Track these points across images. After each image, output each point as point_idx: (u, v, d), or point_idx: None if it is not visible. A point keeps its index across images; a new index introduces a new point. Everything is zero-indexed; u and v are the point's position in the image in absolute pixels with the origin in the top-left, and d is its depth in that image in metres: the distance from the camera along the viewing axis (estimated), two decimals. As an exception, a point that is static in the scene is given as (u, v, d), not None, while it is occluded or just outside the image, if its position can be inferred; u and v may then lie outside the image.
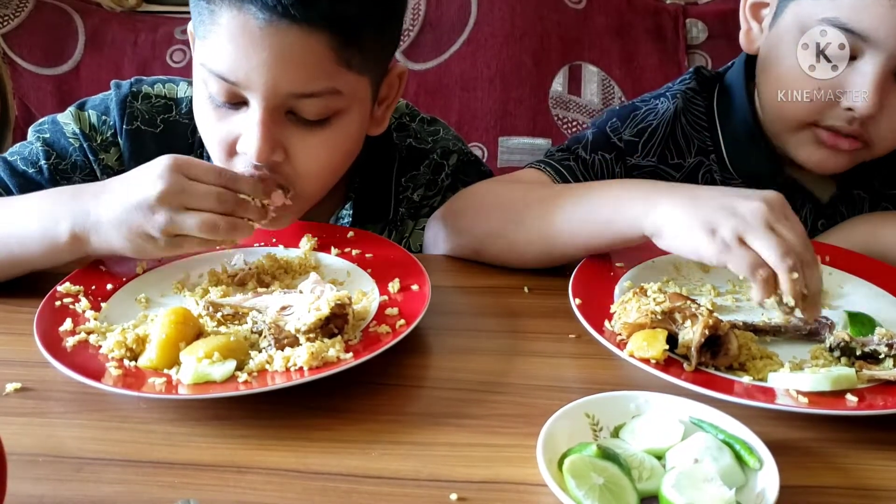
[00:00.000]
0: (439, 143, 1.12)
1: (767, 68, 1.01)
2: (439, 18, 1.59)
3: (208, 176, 0.81)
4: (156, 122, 1.05)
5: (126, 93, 1.05)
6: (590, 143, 1.07)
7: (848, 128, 0.94)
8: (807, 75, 0.94)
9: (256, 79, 0.83)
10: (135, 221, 0.80)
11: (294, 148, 0.88)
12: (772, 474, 0.59)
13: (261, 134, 0.84)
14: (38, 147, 1.02)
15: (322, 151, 0.90)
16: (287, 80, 0.83)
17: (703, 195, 0.80)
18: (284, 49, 0.82)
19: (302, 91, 0.84)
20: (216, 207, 0.80)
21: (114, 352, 0.74)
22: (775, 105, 0.99)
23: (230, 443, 0.67)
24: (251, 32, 0.81)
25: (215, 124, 0.89)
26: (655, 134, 1.07)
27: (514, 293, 0.91)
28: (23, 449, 0.65)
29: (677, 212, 0.79)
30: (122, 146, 1.04)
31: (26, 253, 0.85)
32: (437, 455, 0.66)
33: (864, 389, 0.70)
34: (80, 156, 1.03)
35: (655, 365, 0.71)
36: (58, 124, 1.04)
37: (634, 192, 0.86)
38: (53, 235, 0.83)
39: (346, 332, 0.76)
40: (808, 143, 0.98)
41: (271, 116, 0.85)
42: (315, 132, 0.88)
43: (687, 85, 1.10)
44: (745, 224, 0.75)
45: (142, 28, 1.62)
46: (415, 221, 1.10)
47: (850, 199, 1.07)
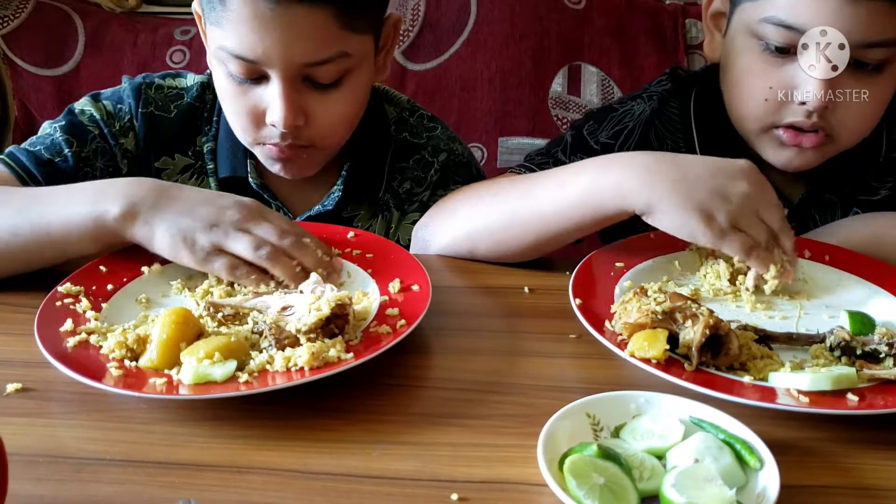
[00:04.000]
0: (431, 141, 1.14)
1: (725, 74, 1.03)
2: (439, 19, 1.59)
3: (279, 223, 0.88)
4: (169, 108, 1.09)
5: (139, 82, 1.09)
6: (569, 146, 1.09)
7: (808, 122, 0.95)
8: (757, 77, 0.96)
9: (273, 56, 0.90)
10: (197, 217, 0.85)
11: (314, 111, 0.96)
12: (772, 474, 0.59)
13: (284, 105, 0.92)
14: (60, 137, 1.03)
15: (339, 109, 0.98)
16: (300, 53, 0.91)
17: (691, 174, 0.83)
18: (294, 26, 0.89)
19: (315, 60, 0.92)
20: (274, 243, 0.85)
21: (114, 352, 0.73)
22: (735, 110, 1.02)
23: (230, 443, 0.67)
24: (262, 15, 0.88)
25: (239, 99, 0.96)
26: (631, 136, 1.09)
27: (514, 293, 0.91)
28: (23, 449, 0.65)
29: (672, 195, 0.83)
30: (139, 129, 1.07)
31: (64, 231, 0.86)
32: (438, 455, 0.66)
33: (864, 389, 0.70)
34: (100, 142, 1.05)
35: (656, 365, 0.71)
36: (74, 114, 1.06)
37: (620, 168, 0.87)
38: (103, 211, 0.85)
39: (346, 333, 0.76)
40: (772, 144, 0.99)
41: (291, 87, 0.92)
42: (331, 93, 0.96)
43: (663, 87, 1.12)
44: (739, 212, 0.82)
45: (142, 29, 1.62)
46: (401, 213, 1.12)
47: (821, 202, 1.08)
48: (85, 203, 0.87)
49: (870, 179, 1.08)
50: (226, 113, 1.01)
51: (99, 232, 0.86)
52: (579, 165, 0.92)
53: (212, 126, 1.10)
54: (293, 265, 0.85)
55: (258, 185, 1.08)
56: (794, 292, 0.89)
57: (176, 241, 0.84)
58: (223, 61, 0.94)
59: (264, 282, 0.85)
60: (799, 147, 0.97)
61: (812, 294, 0.89)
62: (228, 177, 1.08)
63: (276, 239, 0.85)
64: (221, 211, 0.86)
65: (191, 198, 0.87)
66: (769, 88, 0.95)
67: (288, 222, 0.89)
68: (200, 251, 0.84)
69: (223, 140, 1.08)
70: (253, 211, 0.87)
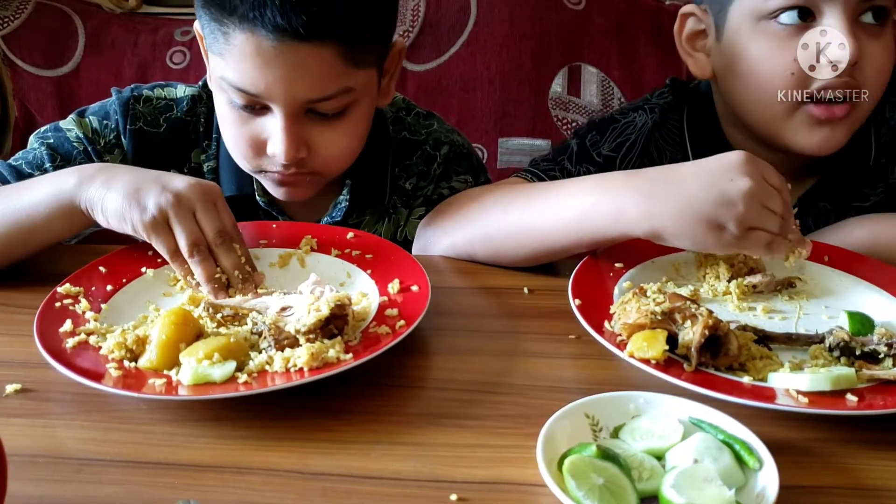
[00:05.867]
0: (432, 135, 1.14)
1: (734, 74, 1.02)
2: (439, 19, 1.59)
3: (225, 219, 0.87)
4: (158, 121, 1.08)
5: (127, 96, 1.08)
6: (574, 155, 1.09)
7: (840, 81, 0.95)
8: (778, 55, 0.96)
9: (275, 91, 0.89)
10: (153, 179, 0.85)
11: (317, 142, 0.95)
12: (771, 474, 0.59)
13: (286, 138, 0.92)
14: (43, 151, 1.04)
15: (342, 139, 0.97)
16: (303, 89, 0.90)
17: (689, 190, 0.81)
18: (297, 64, 0.88)
19: (319, 97, 0.91)
20: (209, 239, 0.85)
21: (114, 353, 0.74)
22: (759, 101, 1.00)
23: (230, 443, 0.67)
24: (265, 52, 0.87)
25: (241, 128, 0.95)
26: (633, 148, 1.09)
27: (514, 294, 0.91)
28: (23, 450, 0.66)
29: (676, 219, 0.82)
30: (126, 146, 1.07)
31: (31, 210, 0.88)
32: (438, 455, 0.66)
33: (863, 389, 0.70)
34: (84, 159, 1.05)
35: (655, 365, 0.71)
36: (60, 130, 1.06)
37: (615, 195, 0.86)
38: (62, 183, 0.87)
39: (345, 333, 0.76)
40: (803, 125, 0.99)
41: (294, 120, 0.92)
42: (334, 125, 0.95)
43: (664, 99, 1.13)
44: (746, 213, 0.79)
45: (142, 29, 1.62)
46: (409, 210, 1.12)
47: (816, 210, 1.08)
48: (48, 182, 0.89)
49: (861, 186, 1.08)
50: (225, 138, 1.00)
51: (61, 204, 0.87)
52: (579, 184, 0.91)
53: (211, 143, 1.09)
54: (216, 269, 0.85)
55: (265, 202, 1.07)
56: (794, 292, 0.89)
57: (129, 200, 0.83)
58: (224, 90, 0.93)
59: (189, 275, 0.85)
60: (830, 122, 0.97)
61: (811, 294, 0.89)
62: (235, 195, 1.05)
63: (212, 235, 0.84)
64: (180, 181, 0.85)
65: (153, 171, 0.88)
66: (793, 61, 0.96)
67: (232, 221, 0.87)
68: (148, 214, 0.83)
69: (225, 159, 1.07)
70: (208, 194, 0.86)
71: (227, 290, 0.85)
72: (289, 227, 0.99)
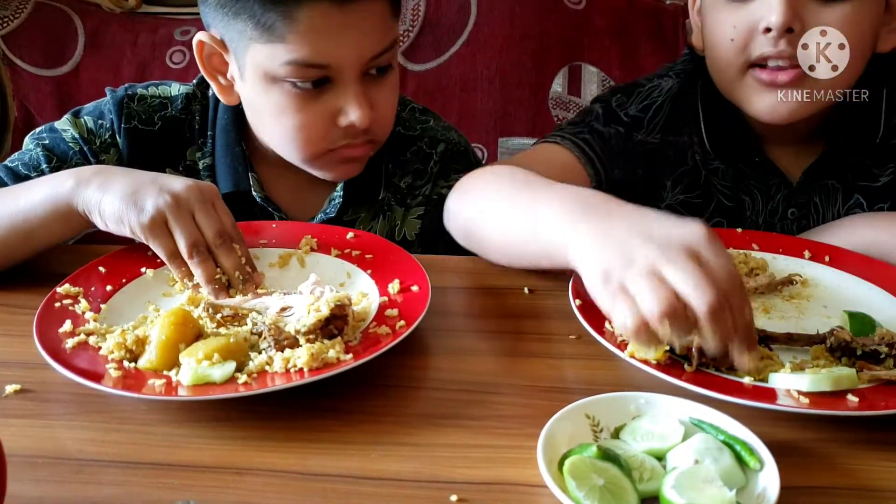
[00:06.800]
0: (427, 132, 1.14)
1: (705, 44, 1.05)
2: (439, 19, 1.59)
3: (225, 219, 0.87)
4: (153, 120, 1.08)
5: (122, 95, 1.07)
6: (601, 117, 1.09)
7: (775, 51, 0.95)
8: (722, 23, 0.99)
9: (346, 55, 0.93)
10: (150, 181, 0.85)
11: (376, 101, 0.98)
12: (772, 475, 0.59)
13: (362, 101, 0.95)
14: (39, 152, 1.04)
15: (392, 95, 1.02)
16: (369, 46, 0.94)
17: (619, 227, 0.71)
18: (361, 23, 0.93)
19: (379, 51, 0.95)
20: (209, 240, 0.85)
21: (113, 353, 0.73)
22: (715, 68, 1.04)
23: (230, 444, 0.67)
24: (333, 18, 0.91)
25: (307, 111, 0.96)
26: (661, 111, 1.10)
27: (514, 294, 0.91)
28: (22, 450, 0.65)
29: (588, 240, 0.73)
30: (121, 145, 1.06)
31: (29, 212, 0.89)
32: (438, 456, 0.66)
33: (864, 389, 0.70)
34: (80, 159, 1.05)
35: (656, 366, 0.71)
36: (56, 131, 1.06)
37: (565, 220, 0.76)
38: (58, 185, 0.88)
39: (345, 334, 0.76)
40: (753, 90, 1.00)
41: (361, 82, 0.95)
42: (382, 82, 0.99)
43: (687, 65, 1.13)
44: (632, 276, 0.67)
45: (141, 29, 1.62)
46: (405, 209, 1.11)
47: (824, 188, 1.09)
48: (45, 185, 0.90)
49: (870, 166, 1.08)
50: (283, 131, 0.98)
51: (59, 207, 0.87)
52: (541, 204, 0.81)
53: (206, 140, 1.08)
54: (216, 270, 0.85)
55: (262, 198, 1.07)
56: (794, 292, 0.89)
57: (127, 203, 0.84)
58: (284, 78, 0.93)
59: (188, 278, 0.85)
60: (775, 85, 0.98)
61: (812, 294, 0.89)
62: (231, 192, 1.05)
63: (211, 236, 0.84)
64: (178, 182, 0.86)
65: (150, 173, 0.89)
66: (733, 28, 0.98)
67: (231, 222, 0.87)
68: (147, 216, 0.83)
69: (221, 156, 1.07)
70: (206, 195, 0.86)
71: (227, 290, 0.85)
72: (288, 227, 0.99)
